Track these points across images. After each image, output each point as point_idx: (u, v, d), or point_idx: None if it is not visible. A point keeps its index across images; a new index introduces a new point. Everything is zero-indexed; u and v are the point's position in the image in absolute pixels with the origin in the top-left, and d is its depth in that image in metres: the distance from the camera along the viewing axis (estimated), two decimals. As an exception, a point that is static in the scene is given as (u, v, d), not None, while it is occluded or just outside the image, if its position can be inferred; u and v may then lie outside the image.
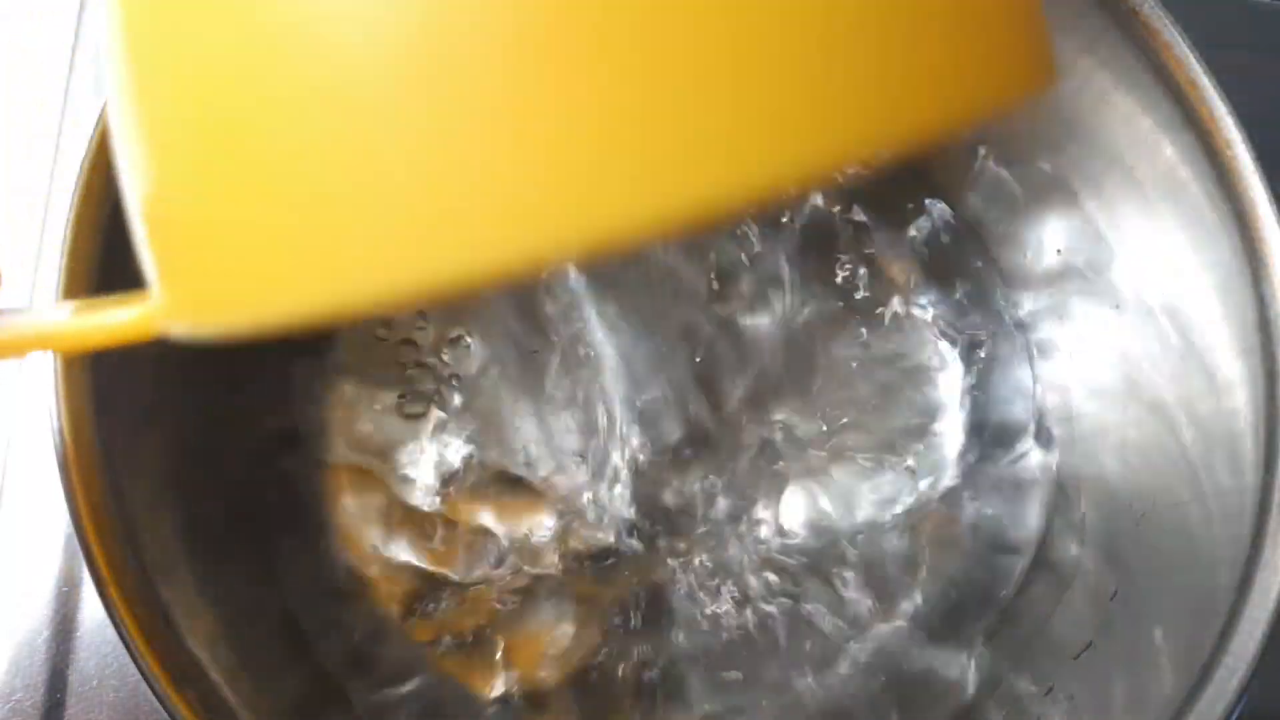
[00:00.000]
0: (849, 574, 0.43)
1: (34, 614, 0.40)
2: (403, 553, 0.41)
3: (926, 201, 0.47)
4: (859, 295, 0.47)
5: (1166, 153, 0.36)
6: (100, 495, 0.28)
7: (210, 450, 0.37)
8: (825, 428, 0.45)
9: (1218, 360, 0.34)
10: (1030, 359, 0.45)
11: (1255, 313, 0.33)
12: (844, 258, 0.47)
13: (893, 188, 0.47)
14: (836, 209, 0.48)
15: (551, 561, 0.42)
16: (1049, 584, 0.41)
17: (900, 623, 0.43)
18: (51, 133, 0.46)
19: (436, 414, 0.43)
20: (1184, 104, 0.34)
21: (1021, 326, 0.45)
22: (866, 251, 0.47)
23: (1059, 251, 0.42)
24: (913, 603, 0.43)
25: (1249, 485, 0.32)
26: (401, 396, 0.43)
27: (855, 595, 0.43)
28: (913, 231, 0.47)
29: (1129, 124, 0.37)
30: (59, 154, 0.45)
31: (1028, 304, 0.44)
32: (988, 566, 0.43)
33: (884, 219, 0.48)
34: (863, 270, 0.47)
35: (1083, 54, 0.37)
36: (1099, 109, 0.38)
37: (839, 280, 0.47)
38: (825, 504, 0.44)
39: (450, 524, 0.42)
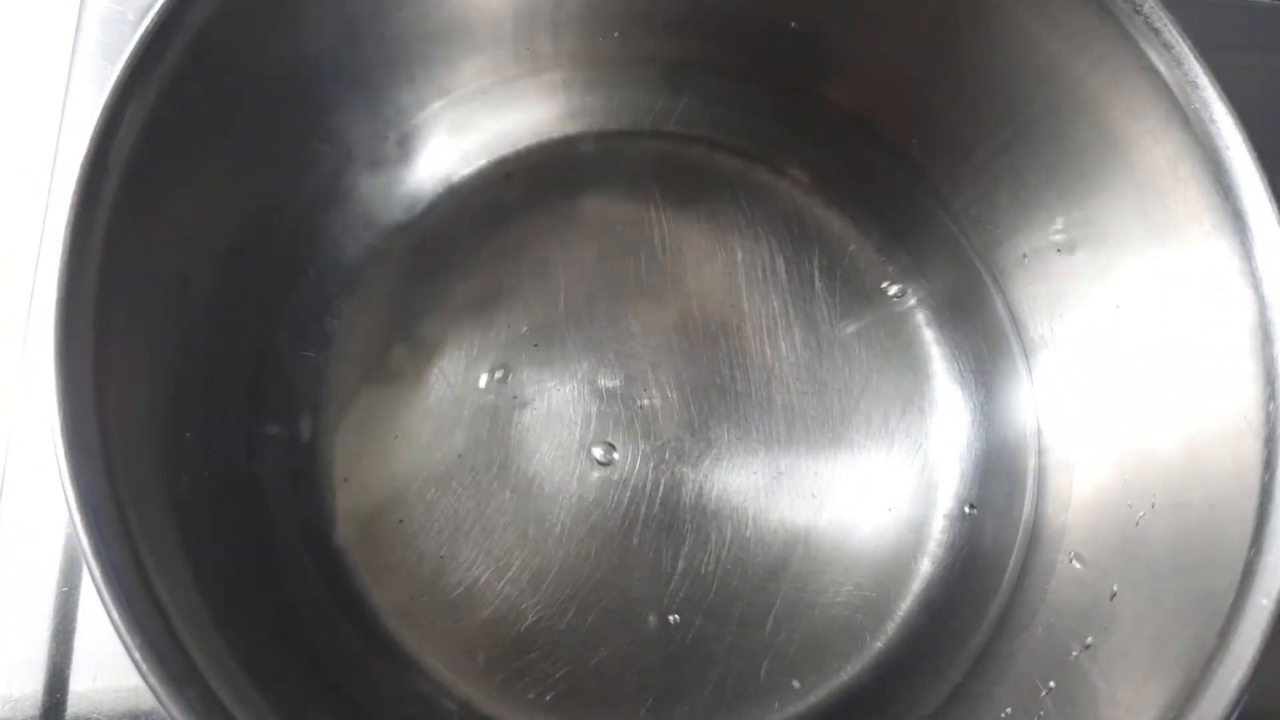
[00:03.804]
0: (848, 586, 0.43)
1: (34, 614, 0.40)
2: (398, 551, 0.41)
3: (923, 202, 0.47)
4: (853, 297, 0.47)
5: (1166, 152, 0.36)
6: (100, 496, 0.28)
7: (210, 451, 0.37)
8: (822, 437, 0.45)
9: (1217, 361, 0.34)
10: (1029, 358, 0.45)
11: (1255, 313, 0.33)
12: (830, 259, 0.47)
13: (887, 186, 0.47)
14: (824, 204, 0.48)
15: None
16: (1044, 584, 0.41)
17: (894, 625, 0.43)
18: (51, 133, 0.46)
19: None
20: (1184, 104, 0.34)
21: (1020, 326, 0.45)
22: (851, 249, 0.47)
23: (1059, 251, 0.42)
24: (909, 605, 0.43)
25: (1249, 485, 0.32)
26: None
27: (846, 599, 0.43)
28: (908, 232, 0.47)
29: (1129, 123, 0.37)
30: (59, 154, 0.45)
31: (1027, 304, 0.44)
32: (986, 566, 0.43)
33: (879, 219, 0.48)
34: (855, 270, 0.47)
35: (1083, 53, 0.37)
36: (1098, 108, 0.38)
37: (827, 283, 0.47)
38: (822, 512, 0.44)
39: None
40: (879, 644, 0.42)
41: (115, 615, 0.27)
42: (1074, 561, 0.40)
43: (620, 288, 0.46)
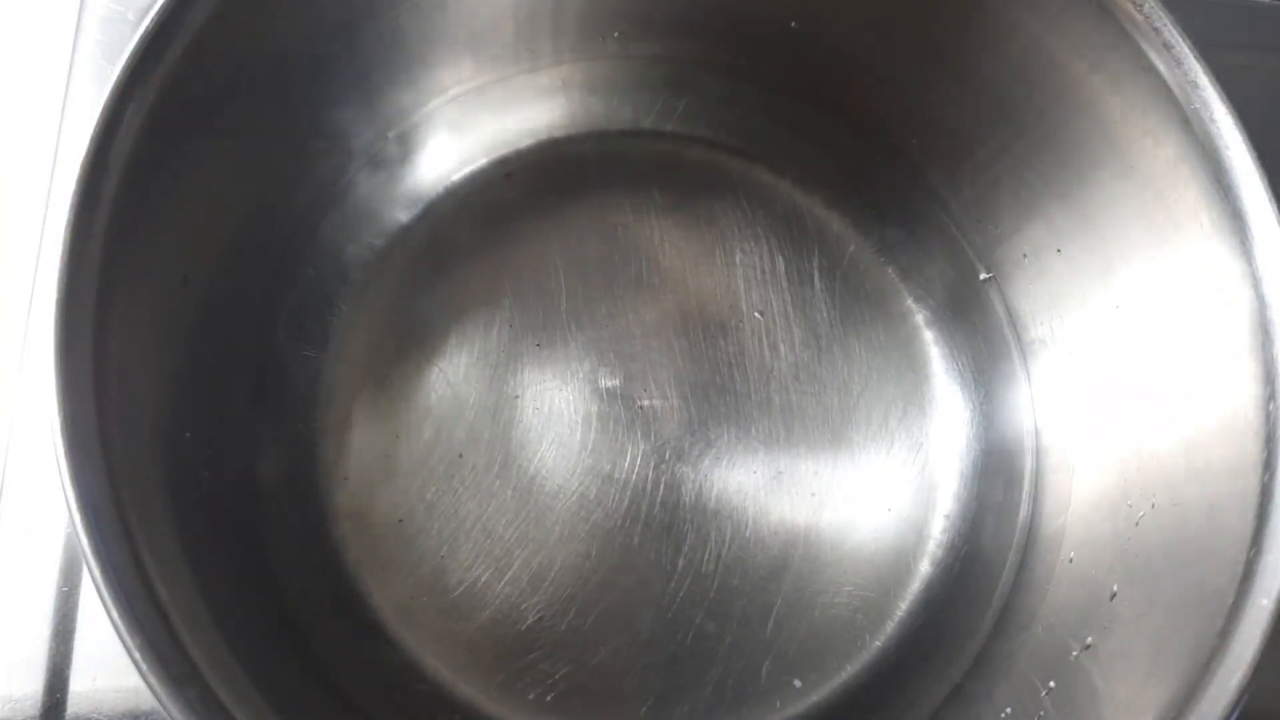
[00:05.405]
0: (848, 586, 0.43)
1: (34, 614, 0.40)
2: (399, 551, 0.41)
3: (923, 203, 0.47)
4: (852, 297, 0.47)
5: (1166, 152, 0.36)
6: (100, 496, 0.28)
7: (210, 451, 0.37)
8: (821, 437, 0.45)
9: (1217, 361, 0.34)
10: (1029, 359, 0.45)
11: (1255, 313, 0.33)
12: (830, 259, 0.47)
13: (887, 186, 0.47)
14: (820, 203, 0.48)
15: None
16: (1044, 585, 0.41)
17: (894, 625, 0.43)
18: (51, 133, 0.46)
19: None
20: (1184, 104, 0.34)
21: (1020, 326, 0.45)
22: (851, 249, 0.47)
23: (1059, 251, 0.42)
24: (909, 605, 0.43)
25: (1249, 485, 0.32)
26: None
27: (846, 599, 0.43)
28: (907, 233, 0.47)
29: (1129, 123, 0.37)
30: (59, 154, 0.45)
31: (1027, 304, 0.44)
32: (986, 566, 0.43)
33: (878, 220, 0.48)
34: (854, 270, 0.47)
35: (1083, 53, 0.37)
36: (1098, 108, 0.38)
37: (827, 283, 0.47)
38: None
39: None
40: (879, 644, 0.42)
41: (115, 615, 0.27)
42: (1073, 562, 0.40)
43: (620, 288, 0.46)
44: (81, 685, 0.39)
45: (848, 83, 0.46)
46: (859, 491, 0.44)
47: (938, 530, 0.44)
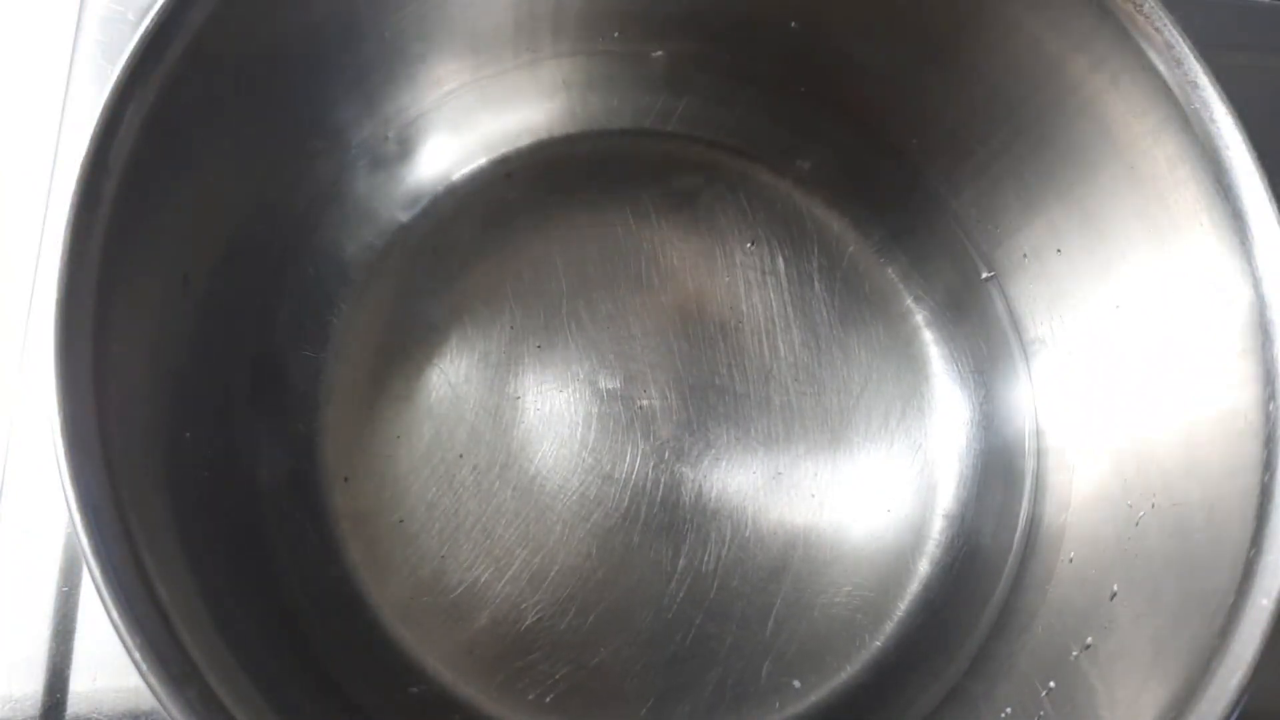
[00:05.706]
0: (848, 586, 0.43)
1: (34, 614, 0.40)
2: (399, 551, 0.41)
3: (922, 203, 0.47)
4: (852, 297, 0.47)
5: (1166, 152, 0.36)
6: (100, 496, 0.28)
7: (210, 451, 0.37)
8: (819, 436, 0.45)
9: (1217, 361, 0.34)
10: (1028, 359, 0.45)
11: (1255, 313, 0.33)
12: (830, 260, 0.47)
13: (887, 186, 0.47)
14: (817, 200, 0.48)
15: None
16: (1044, 585, 0.41)
17: (893, 625, 0.43)
18: (51, 133, 0.46)
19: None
20: (1184, 104, 0.34)
21: (1020, 326, 0.45)
22: (851, 249, 0.47)
23: (1059, 251, 0.42)
24: (908, 605, 0.43)
25: (1249, 485, 0.32)
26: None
27: (846, 599, 0.43)
28: (907, 233, 0.47)
29: (1129, 123, 0.37)
30: (59, 154, 0.45)
31: (1027, 304, 0.44)
32: (985, 566, 0.43)
33: (878, 220, 0.48)
34: (854, 271, 0.47)
35: (1083, 53, 0.37)
36: (1098, 108, 0.38)
37: (826, 283, 0.47)
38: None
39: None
40: (878, 644, 0.42)
41: (115, 615, 0.27)
42: (1073, 562, 0.40)
43: (620, 288, 0.46)
44: (81, 685, 0.39)
45: (848, 83, 0.46)
46: (858, 492, 0.44)
47: (937, 530, 0.44)
